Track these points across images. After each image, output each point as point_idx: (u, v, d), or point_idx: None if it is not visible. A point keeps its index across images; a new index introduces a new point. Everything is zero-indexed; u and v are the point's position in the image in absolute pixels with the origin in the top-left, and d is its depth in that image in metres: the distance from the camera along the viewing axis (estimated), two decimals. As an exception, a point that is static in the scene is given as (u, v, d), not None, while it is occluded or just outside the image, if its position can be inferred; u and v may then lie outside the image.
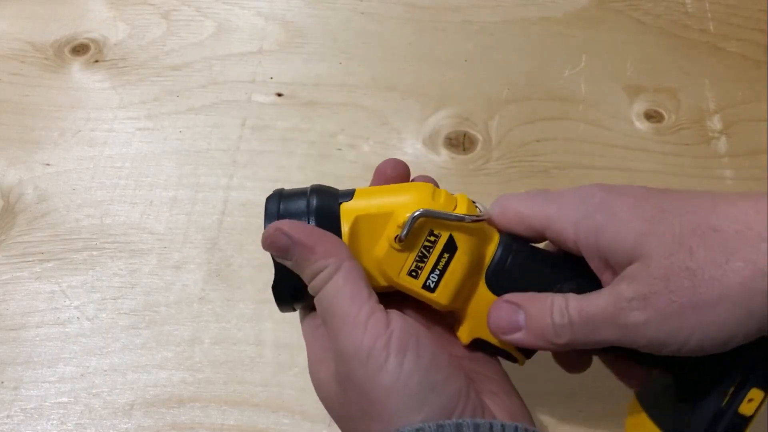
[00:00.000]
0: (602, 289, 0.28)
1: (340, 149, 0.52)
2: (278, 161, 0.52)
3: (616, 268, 0.28)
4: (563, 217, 0.29)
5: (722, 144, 0.52)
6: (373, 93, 0.55)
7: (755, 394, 0.27)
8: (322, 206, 0.30)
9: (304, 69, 0.57)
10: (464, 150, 0.52)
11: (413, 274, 0.30)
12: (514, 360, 0.32)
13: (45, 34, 0.58)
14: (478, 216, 0.30)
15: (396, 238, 0.29)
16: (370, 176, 0.34)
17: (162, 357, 0.43)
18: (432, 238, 0.30)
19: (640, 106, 0.54)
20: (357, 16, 0.60)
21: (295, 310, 0.33)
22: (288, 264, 0.30)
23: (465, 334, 0.32)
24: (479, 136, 0.53)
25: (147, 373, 0.43)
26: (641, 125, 0.54)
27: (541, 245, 0.32)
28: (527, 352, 0.31)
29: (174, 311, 0.45)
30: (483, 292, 0.31)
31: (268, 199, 0.31)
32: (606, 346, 0.28)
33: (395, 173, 0.33)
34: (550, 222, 0.30)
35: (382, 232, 0.30)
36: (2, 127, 0.53)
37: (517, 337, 0.29)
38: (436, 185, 0.33)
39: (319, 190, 0.31)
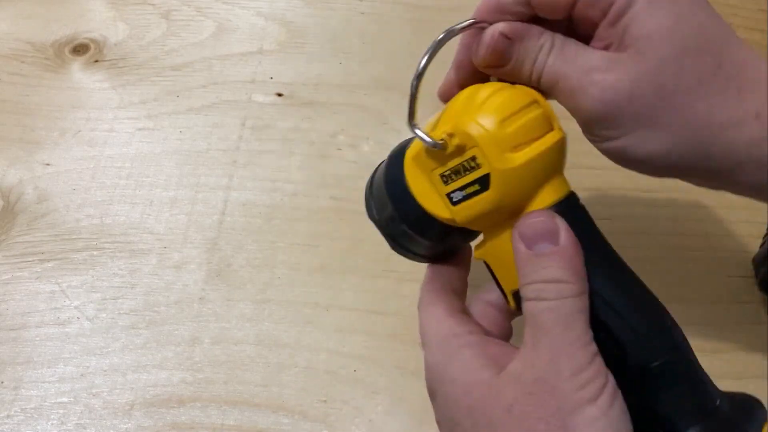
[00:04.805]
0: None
1: (340, 149, 0.52)
2: (278, 161, 0.52)
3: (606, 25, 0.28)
4: None
5: (722, 144, 0.52)
6: (373, 93, 0.55)
7: None
8: None
9: (304, 69, 0.57)
10: (464, 150, 0.52)
11: (444, 179, 0.29)
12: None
13: (45, 34, 0.58)
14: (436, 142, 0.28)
15: (440, 142, 0.28)
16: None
17: (162, 357, 0.44)
18: (472, 164, 0.28)
19: (640, 106, 0.54)
20: (357, 16, 0.60)
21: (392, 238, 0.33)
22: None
23: (478, 253, 0.31)
24: (479, 136, 0.53)
25: (147, 373, 0.43)
26: (641, 125, 0.53)
27: None
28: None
29: (174, 311, 0.45)
30: (506, 239, 0.28)
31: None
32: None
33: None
34: None
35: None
36: (2, 127, 0.53)
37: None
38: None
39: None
